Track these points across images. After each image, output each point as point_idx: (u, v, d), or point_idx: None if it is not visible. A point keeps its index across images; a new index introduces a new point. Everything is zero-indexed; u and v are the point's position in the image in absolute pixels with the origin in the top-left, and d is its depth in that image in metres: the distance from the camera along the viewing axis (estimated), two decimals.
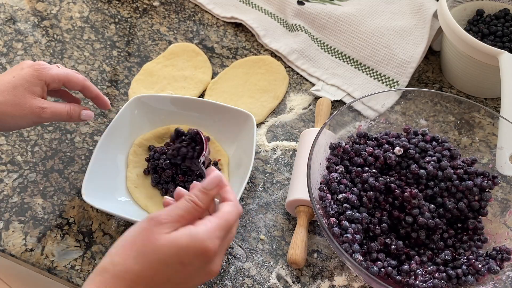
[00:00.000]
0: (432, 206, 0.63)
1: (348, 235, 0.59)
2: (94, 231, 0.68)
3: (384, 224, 0.63)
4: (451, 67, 0.84)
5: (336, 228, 0.60)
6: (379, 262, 0.60)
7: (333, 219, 0.60)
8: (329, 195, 0.62)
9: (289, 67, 0.88)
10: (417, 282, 0.58)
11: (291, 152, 0.77)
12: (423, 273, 0.60)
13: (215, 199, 0.51)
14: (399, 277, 0.59)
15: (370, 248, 0.61)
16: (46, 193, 0.71)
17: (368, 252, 0.61)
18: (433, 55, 0.91)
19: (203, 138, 0.66)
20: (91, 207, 0.69)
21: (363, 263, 0.59)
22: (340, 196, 0.62)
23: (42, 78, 0.61)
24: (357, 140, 0.69)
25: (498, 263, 0.61)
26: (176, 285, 0.46)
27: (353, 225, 0.60)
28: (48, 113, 0.61)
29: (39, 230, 0.68)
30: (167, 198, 0.50)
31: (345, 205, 0.62)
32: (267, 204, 0.71)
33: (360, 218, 0.61)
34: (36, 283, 0.81)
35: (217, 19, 0.95)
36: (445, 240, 0.64)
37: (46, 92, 0.63)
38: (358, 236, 0.60)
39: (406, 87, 0.83)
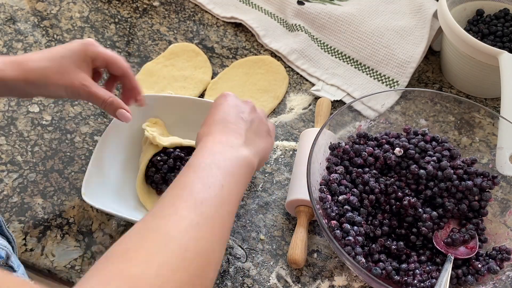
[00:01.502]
0: (434, 213, 0.63)
1: (350, 237, 0.59)
2: (94, 231, 0.68)
3: (385, 227, 0.63)
4: (451, 67, 0.84)
5: (338, 231, 0.60)
6: (380, 263, 0.60)
7: (334, 222, 0.60)
8: (329, 196, 0.62)
9: (289, 67, 0.88)
10: (416, 281, 0.58)
11: (291, 152, 0.77)
12: (422, 272, 0.60)
13: None
14: (397, 277, 0.59)
15: (371, 250, 0.61)
16: (46, 193, 0.71)
17: (369, 254, 0.61)
18: (433, 55, 0.91)
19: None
20: (91, 207, 0.69)
21: (366, 265, 0.59)
22: (340, 197, 0.62)
23: (89, 53, 0.61)
24: (357, 140, 0.69)
25: (498, 263, 0.61)
26: (236, 113, 0.57)
27: (355, 227, 0.60)
28: (86, 92, 0.60)
29: (39, 230, 0.68)
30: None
31: (346, 206, 0.62)
32: (267, 204, 0.71)
33: (362, 222, 0.61)
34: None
35: (217, 19, 0.95)
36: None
37: (91, 70, 0.63)
38: (360, 238, 0.60)
39: (406, 87, 0.83)
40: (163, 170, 0.69)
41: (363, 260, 0.58)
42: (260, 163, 0.57)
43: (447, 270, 0.59)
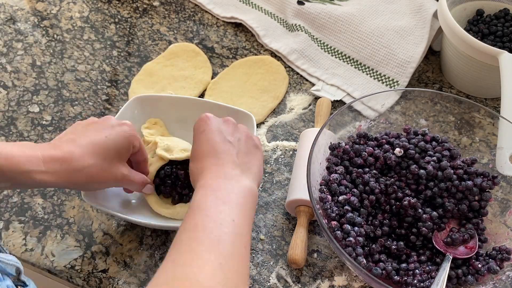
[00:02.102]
0: (434, 213, 0.63)
1: (351, 238, 0.59)
2: (94, 231, 0.68)
3: (385, 227, 0.63)
4: (451, 67, 0.84)
5: (339, 232, 0.60)
6: (381, 264, 0.60)
7: (334, 222, 0.60)
8: (329, 197, 0.62)
9: (289, 67, 0.88)
10: (415, 281, 0.59)
11: (291, 152, 0.77)
12: (422, 272, 0.60)
13: None
14: (397, 277, 0.59)
15: (371, 250, 0.61)
16: (46, 193, 0.71)
17: (369, 254, 0.61)
18: (433, 55, 0.91)
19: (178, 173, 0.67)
20: (91, 207, 0.69)
21: (366, 265, 0.59)
22: (340, 198, 0.62)
23: (131, 144, 0.59)
24: (357, 140, 0.69)
25: (498, 263, 0.61)
26: (221, 138, 0.56)
27: (355, 228, 0.60)
28: (126, 181, 0.60)
29: (39, 230, 0.68)
30: None
31: (346, 207, 0.62)
32: (267, 204, 0.71)
33: (362, 222, 0.61)
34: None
35: (217, 19, 0.95)
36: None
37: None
38: (360, 239, 0.60)
39: (406, 87, 0.83)
40: (171, 182, 0.67)
41: (364, 261, 0.58)
42: (258, 184, 0.57)
43: (445, 269, 0.59)
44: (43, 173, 0.52)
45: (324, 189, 0.63)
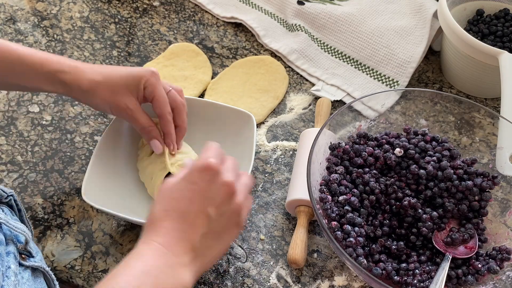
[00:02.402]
0: (434, 213, 0.63)
1: (351, 239, 0.59)
2: (94, 231, 0.68)
3: (385, 227, 0.63)
4: (451, 67, 0.84)
5: (339, 232, 0.60)
6: (381, 264, 0.60)
7: (334, 223, 0.60)
8: (329, 197, 0.62)
9: (289, 67, 0.88)
10: (415, 281, 0.59)
11: (291, 152, 0.77)
12: (422, 272, 0.60)
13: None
14: (397, 278, 0.59)
15: (372, 250, 0.61)
16: (46, 193, 0.71)
17: (370, 254, 0.61)
18: (433, 55, 0.91)
19: None
20: (91, 207, 0.69)
21: (367, 265, 0.59)
22: (341, 198, 0.62)
23: (144, 82, 0.63)
24: (357, 140, 0.69)
25: (498, 263, 0.61)
26: (202, 206, 0.48)
27: (356, 228, 0.60)
28: (128, 115, 0.63)
29: (39, 230, 0.68)
30: None
31: (346, 207, 0.62)
32: (267, 204, 0.71)
33: (362, 223, 0.61)
34: None
35: (217, 19, 0.95)
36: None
37: (142, 96, 0.64)
38: (361, 239, 0.60)
39: (406, 87, 0.83)
40: None
41: (365, 261, 0.58)
42: (207, 269, 0.51)
43: (444, 269, 0.59)
44: (65, 73, 0.61)
45: (324, 189, 0.63)
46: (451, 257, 0.61)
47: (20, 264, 0.51)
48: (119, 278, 0.44)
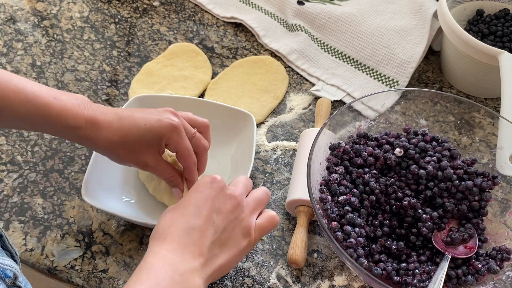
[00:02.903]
0: (434, 213, 0.63)
1: (352, 239, 0.59)
2: (94, 231, 0.68)
3: (385, 227, 0.63)
4: (451, 67, 0.84)
5: (339, 233, 0.60)
6: (381, 264, 0.60)
7: (334, 223, 0.60)
8: (329, 197, 0.62)
9: (289, 67, 0.88)
10: (415, 281, 0.59)
11: (291, 152, 0.77)
12: (422, 272, 0.60)
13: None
14: (397, 278, 0.59)
15: (372, 250, 0.61)
16: (46, 193, 0.71)
17: (370, 254, 0.61)
18: (433, 55, 0.91)
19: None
20: (91, 207, 0.69)
21: (367, 266, 0.59)
22: (341, 198, 0.62)
23: (166, 140, 0.59)
24: (357, 140, 0.69)
25: (498, 263, 0.61)
26: (208, 214, 0.50)
27: (356, 228, 0.60)
28: (149, 170, 0.61)
29: (39, 230, 0.68)
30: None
31: (346, 207, 0.62)
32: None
33: (362, 223, 0.61)
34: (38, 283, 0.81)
35: (217, 19, 0.95)
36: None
37: (164, 148, 0.61)
38: (361, 240, 0.60)
39: (406, 87, 0.84)
40: None
41: (366, 262, 0.58)
42: (218, 276, 0.52)
43: (443, 268, 0.59)
44: (82, 129, 0.56)
45: (324, 189, 0.63)
46: (450, 257, 0.61)
47: None
48: (140, 270, 0.45)
